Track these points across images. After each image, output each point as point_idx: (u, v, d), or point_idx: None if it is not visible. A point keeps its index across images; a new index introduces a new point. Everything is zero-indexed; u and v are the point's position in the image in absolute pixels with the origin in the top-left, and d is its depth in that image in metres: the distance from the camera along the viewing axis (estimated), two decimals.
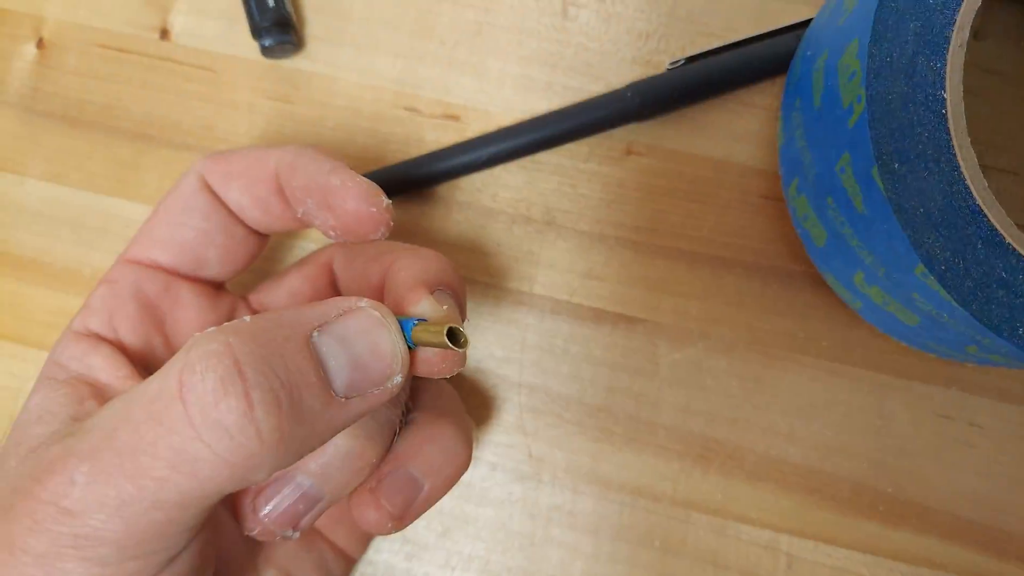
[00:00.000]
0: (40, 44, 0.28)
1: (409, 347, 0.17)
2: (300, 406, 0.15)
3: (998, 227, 0.19)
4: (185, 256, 0.22)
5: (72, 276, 0.27)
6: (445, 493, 0.21)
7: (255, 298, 0.24)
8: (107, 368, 0.20)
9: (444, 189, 0.27)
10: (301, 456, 0.16)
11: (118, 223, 0.28)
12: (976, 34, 0.27)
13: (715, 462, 0.26)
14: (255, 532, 0.20)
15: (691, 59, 0.26)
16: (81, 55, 0.28)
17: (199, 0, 0.28)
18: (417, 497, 0.20)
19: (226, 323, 0.16)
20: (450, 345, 0.17)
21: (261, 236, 0.23)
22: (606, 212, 0.27)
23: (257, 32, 0.27)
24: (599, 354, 0.26)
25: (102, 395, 0.19)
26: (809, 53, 0.24)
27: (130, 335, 0.21)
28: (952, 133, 0.19)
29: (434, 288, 0.19)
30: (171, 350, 0.21)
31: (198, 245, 0.22)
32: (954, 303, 0.19)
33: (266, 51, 0.27)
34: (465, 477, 0.26)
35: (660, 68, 0.27)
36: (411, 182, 0.26)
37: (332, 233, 0.20)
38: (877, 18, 0.20)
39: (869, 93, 0.19)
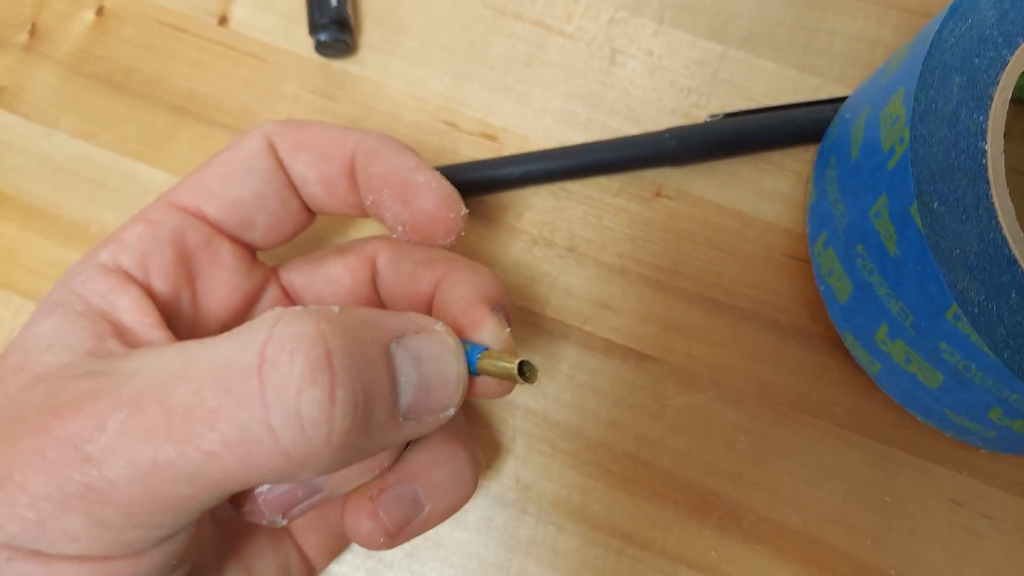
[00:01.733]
0: (100, 12, 0.29)
1: (471, 374, 0.17)
2: (370, 416, 0.14)
3: None
4: (235, 215, 0.20)
5: (77, 231, 0.27)
6: (443, 520, 0.20)
7: (285, 276, 0.22)
8: (133, 310, 0.18)
9: (471, 202, 0.27)
10: (347, 467, 0.15)
11: (137, 187, 0.27)
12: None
13: (712, 516, 0.24)
14: (245, 511, 0.18)
15: (730, 115, 0.27)
16: (138, 27, 0.29)
17: None
18: (416, 517, 0.19)
19: (313, 307, 0.15)
20: (520, 380, 0.16)
21: (311, 214, 0.22)
22: (629, 247, 0.26)
23: (315, 27, 0.27)
24: (605, 387, 0.25)
25: (124, 338, 0.17)
26: (848, 116, 0.25)
27: (160, 281, 0.19)
28: (991, 182, 0.20)
29: (492, 308, 0.18)
30: (197, 308, 0.20)
31: (251, 207, 0.20)
32: (985, 349, 0.19)
33: (320, 46, 0.28)
34: None
35: (698, 121, 0.28)
36: None
37: (400, 229, 0.20)
38: (925, 68, 0.20)
39: (913, 134, 0.20)
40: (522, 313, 0.26)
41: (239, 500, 0.18)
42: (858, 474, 0.25)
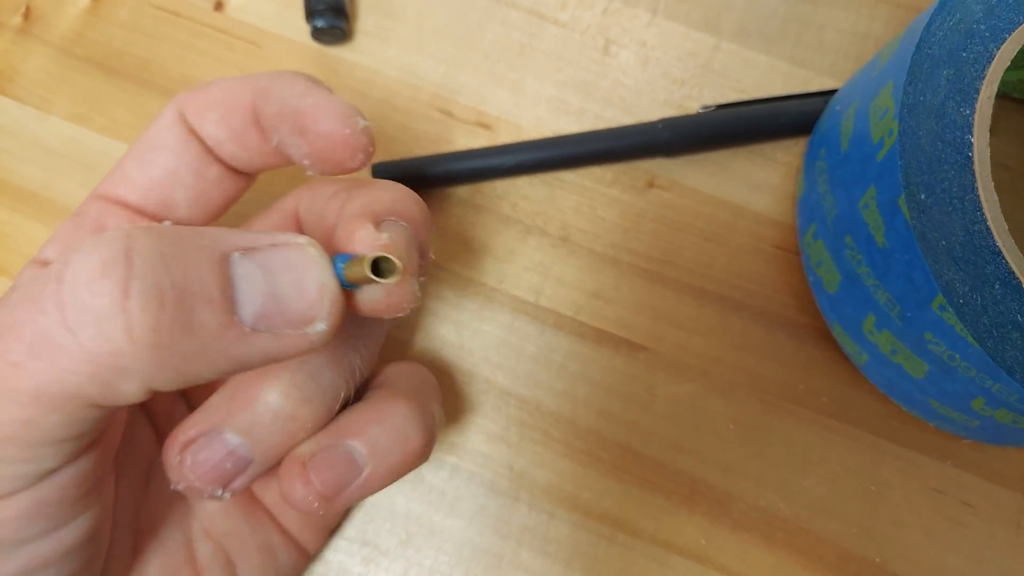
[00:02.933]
0: None
1: (344, 286, 0.16)
2: (189, 316, 0.14)
3: (1016, 271, 0.19)
4: (151, 196, 0.20)
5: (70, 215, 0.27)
6: (389, 482, 0.19)
7: None
8: None
9: (465, 191, 0.27)
10: (187, 379, 0.14)
11: None
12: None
13: (702, 505, 0.25)
14: (180, 486, 0.18)
15: (722, 106, 0.27)
16: (133, 11, 0.29)
17: None
18: (354, 480, 0.18)
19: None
20: (373, 278, 0.15)
21: (241, 177, 0.21)
22: (622, 237, 0.27)
23: (311, 13, 0.27)
24: (596, 376, 0.26)
25: None
26: (838, 108, 0.25)
27: None
28: (977, 175, 0.20)
29: (382, 219, 0.18)
30: None
31: (166, 185, 0.20)
32: (970, 339, 0.19)
33: (316, 33, 0.28)
34: (437, 483, 0.25)
35: (690, 112, 0.28)
36: (435, 177, 0.26)
37: (307, 163, 0.19)
38: (914, 61, 0.21)
39: (902, 126, 0.20)
40: (516, 302, 0.26)
41: (172, 475, 0.18)
42: (844, 463, 0.25)
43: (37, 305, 0.14)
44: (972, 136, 0.20)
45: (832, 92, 0.27)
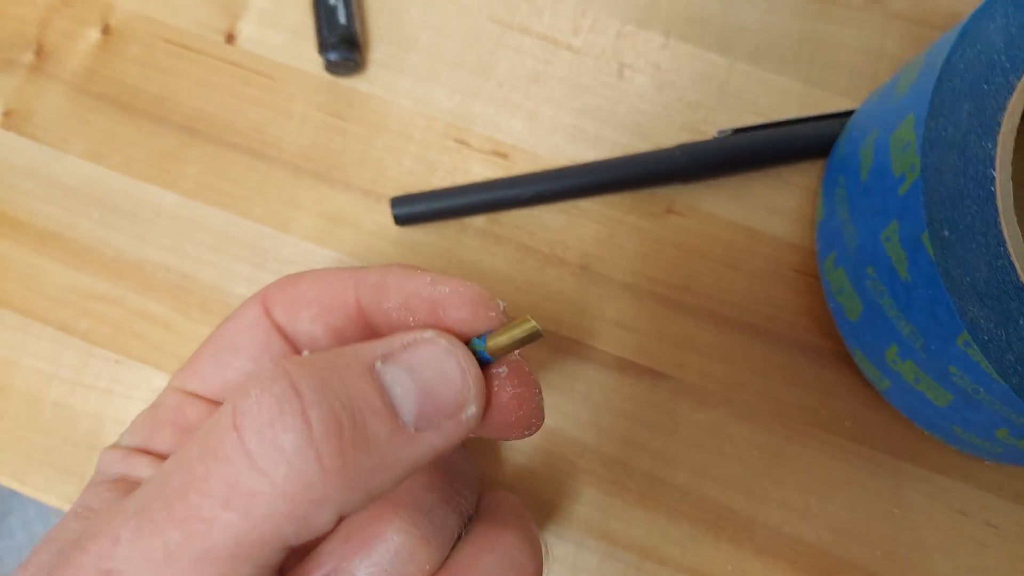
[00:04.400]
0: (106, 30, 0.29)
1: (484, 360, 0.17)
2: (364, 432, 0.14)
3: None
4: (226, 392, 0.19)
5: (92, 255, 0.27)
6: None
7: None
8: (146, 465, 0.18)
9: (483, 221, 0.27)
10: (371, 495, 0.15)
11: (149, 210, 0.27)
12: None
13: (727, 531, 0.25)
14: None
15: (738, 131, 0.27)
16: (145, 46, 0.29)
17: (270, 11, 0.29)
18: None
19: (287, 358, 0.15)
20: (536, 327, 0.16)
21: None
22: (641, 265, 0.27)
23: (324, 46, 0.27)
24: (620, 405, 0.26)
25: None
26: (856, 134, 0.25)
27: (170, 449, 0.19)
28: (1000, 210, 0.20)
29: (483, 302, 0.18)
30: None
31: (240, 383, 0.19)
32: (995, 375, 0.19)
33: (330, 66, 0.28)
34: None
35: (707, 136, 0.28)
36: (453, 209, 0.26)
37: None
38: (935, 95, 0.21)
39: (924, 162, 0.20)
40: None
41: None
42: (867, 487, 0.25)
43: (220, 458, 0.14)
44: (994, 170, 0.20)
45: (848, 113, 0.27)
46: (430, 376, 0.15)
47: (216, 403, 0.19)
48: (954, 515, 0.25)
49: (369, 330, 0.19)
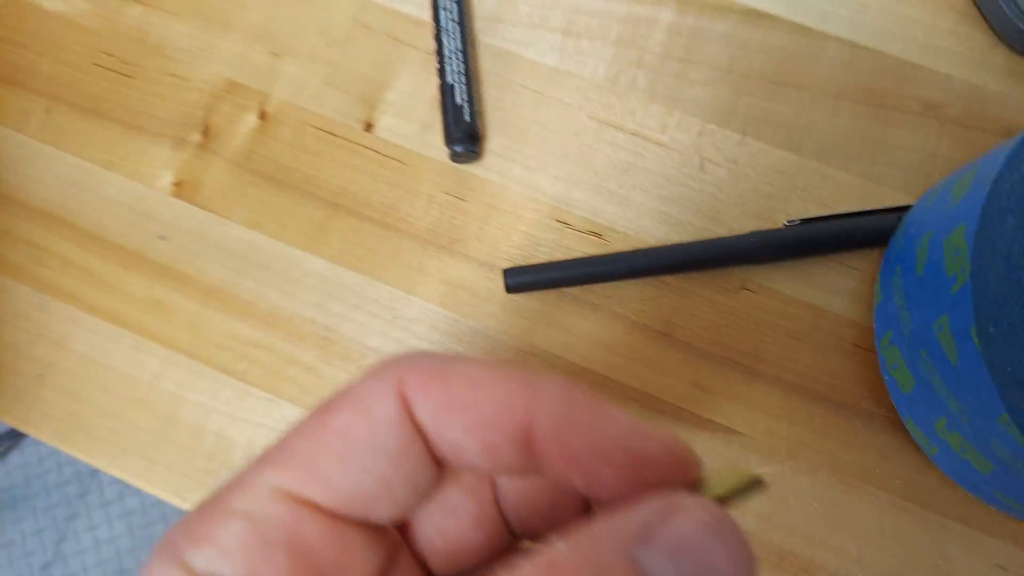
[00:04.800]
0: (263, 116, 0.34)
1: None
2: None
3: None
4: (355, 504, 0.15)
5: (250, 308, 0.32)
6: None
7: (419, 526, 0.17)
8: None
9: (579, 290, 0.32)
10: None
11: (299, 271, 0.32)
12: None
13: (788, 572, 0.28)
14: None
15: (805, 220, 0.31)
16: (295, 131, 0.34)
17: (403, 105, 0.34)
18: None
19: (539, 558, 0.13)
20: (757, 475, 0.14)
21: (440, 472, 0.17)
22: (716, 334, 0.31)
23: (451, 139, 0.32)
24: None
25: None
26: (912, 231, 0.29)
27: None
28: None
29: (674, 448, 0.15)
30: None
31: (373, 496, 0.15)
32: None
33: (455, 156, 0.32)
34: None
35: (777, 224, 0.32)
36: (556, 280, 0.31)
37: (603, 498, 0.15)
38: (984, 211, 0.24)
39: (973, 268, 0.24)
40: (623, 389, 0.30)
41: None
42: (915, 540, 0.29)
43: None
44: None
45: (904, 208, 0.31)
46: (695, 560, 0.12)
47: (341, 520, 0.15)
48: (994, 569, 0.28)
49: (529, 453, 0.15)
